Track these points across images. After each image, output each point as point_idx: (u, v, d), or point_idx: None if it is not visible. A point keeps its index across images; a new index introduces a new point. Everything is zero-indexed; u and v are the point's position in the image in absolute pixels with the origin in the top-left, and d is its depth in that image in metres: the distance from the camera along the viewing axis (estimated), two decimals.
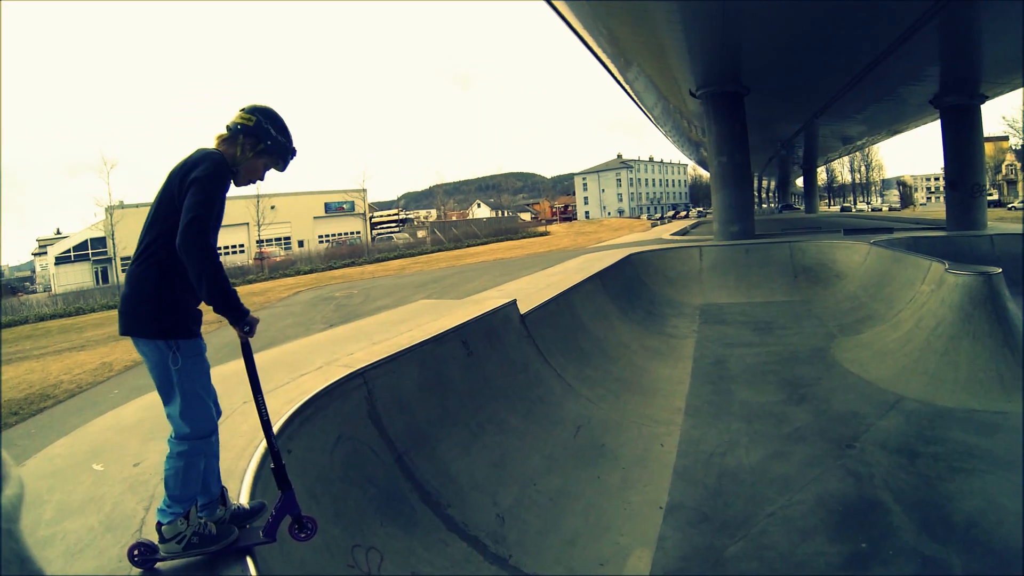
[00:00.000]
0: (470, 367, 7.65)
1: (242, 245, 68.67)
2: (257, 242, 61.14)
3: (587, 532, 5.77)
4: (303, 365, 6.53)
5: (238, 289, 3.22)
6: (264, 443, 4.14)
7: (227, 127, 3.33)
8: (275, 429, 4.42)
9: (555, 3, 17.92)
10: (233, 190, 3.35)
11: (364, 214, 79.73)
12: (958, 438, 7.57)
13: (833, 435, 7.88)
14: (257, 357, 3.56)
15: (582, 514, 6.05)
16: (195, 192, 2.96)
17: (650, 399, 9.59)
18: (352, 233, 78.44)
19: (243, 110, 3.38)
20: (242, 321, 3.14)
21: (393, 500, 5.17)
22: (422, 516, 5.27)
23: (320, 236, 76.30)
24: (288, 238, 74.26)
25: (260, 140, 3.35)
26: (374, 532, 4.65)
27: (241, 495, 3.73)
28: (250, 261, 54.94)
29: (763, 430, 8.15)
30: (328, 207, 79.27)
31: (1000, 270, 10.34)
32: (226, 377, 6.29)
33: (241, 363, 3.51)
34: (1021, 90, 26.95)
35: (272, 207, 63.65)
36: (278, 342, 8.25)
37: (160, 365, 3.07)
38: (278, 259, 53.88)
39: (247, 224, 62.92)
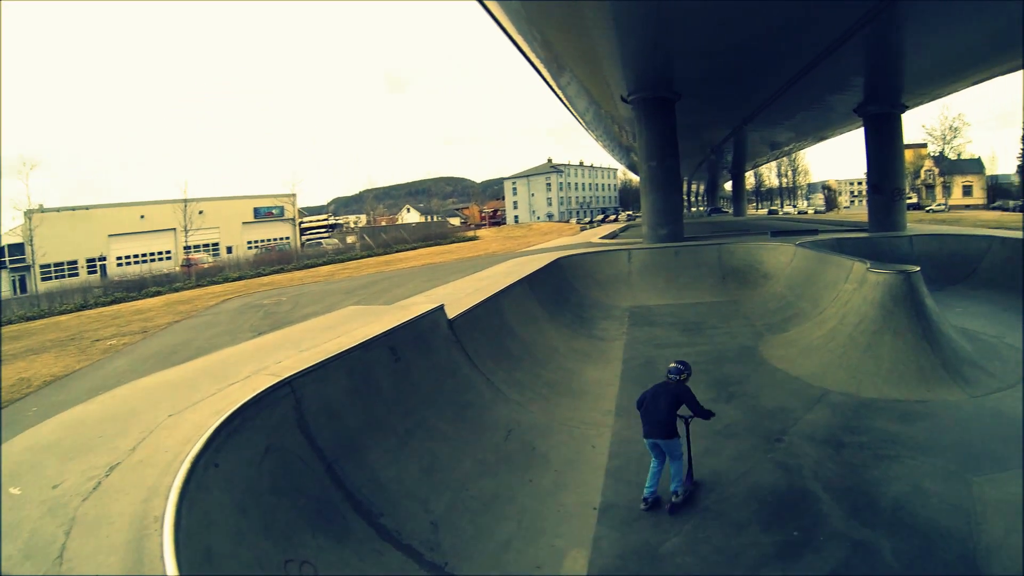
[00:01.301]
0: (398, 373, 7.54)
1: (169, 251, 65.84)
2: (184, 248, 58.76)
3: (521, 536, 5.75)
4: (230, 375, 6.30)
5: (164, 297, 3.18)
6: (191, 457, 4.06)
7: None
8: (201, 441, 4.28)
9: (489, 6, 17.91)
10: (161, 194, 3.27)
11: (294, 219, 77.78)
12: (881, 427, 7.96)
13: (762, 430, 8.12)
14: (183, 368, 3.45)
15: (516, 518, 6.03)
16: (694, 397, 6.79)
17: (580, 401, 9.65)
18: (282, 239, 75.89)
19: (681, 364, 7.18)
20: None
21: (325, 511, 5.03)
22: (355, 526, 5.15)
23: (249, 242, 73.46)
24: (216, 244, 71.24)
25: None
26: (306, 545, 4.51)
27: (166, 513, 3.54)
28: (177, 268, 53.28)
29: (694, 428, 8.26)
30: (257, 212, 76.79)
31: (918, 268, 11.00)
32: (149, 391, 6.04)
33: (166, 375, 3.43)
34: (940, 100, 28.44)
35: (200, 212, 61.42)
36: (205, 352, 7.97)
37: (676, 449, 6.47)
38: (206, 266, 51.54)
39: (174, 230, 60.60)
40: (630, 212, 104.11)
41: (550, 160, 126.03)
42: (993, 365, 10.12)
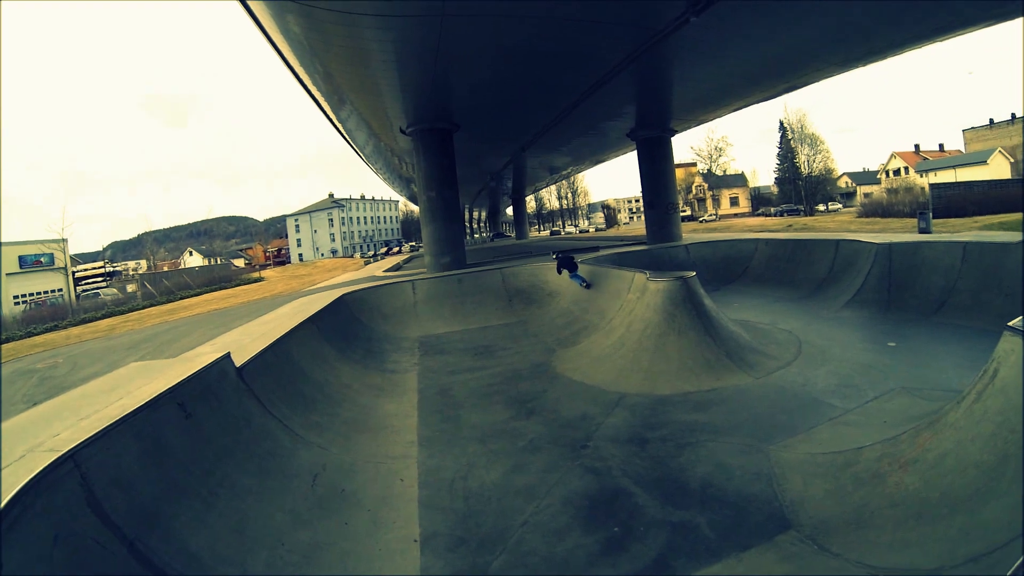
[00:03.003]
0: (191, 430, 6.96)
1: None
2: None
3: None
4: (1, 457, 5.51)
5: None
6: None
7: None
8: None
9: (272, 36, 17.44)
10: None
11: (66, 268, 69.24)
12: (679, 419, 8.66)
13: (567, 440, 8.44)
14: None
15: (338, 564, 5.81)
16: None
17: (381, 436, 9.49)
18: (53, 291, 67.79)
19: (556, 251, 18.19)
20: None
21: None
22: None
23: (15, 297, 64.31)
24: None
25: None
26: None
27: None
28: None
29: (498, 448, 8.46)
30: (23, 261, 67.28)
31: (695, 273, 12.28)
32: None
33: None
34: (706, 124, 32.06)
35: None
36: None
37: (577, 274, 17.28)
38: None
39: None
40: (413, 243, 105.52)
41: (331, 195, 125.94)
42: (770, 348, 11.49)
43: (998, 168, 71.32)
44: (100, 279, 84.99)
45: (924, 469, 5.21)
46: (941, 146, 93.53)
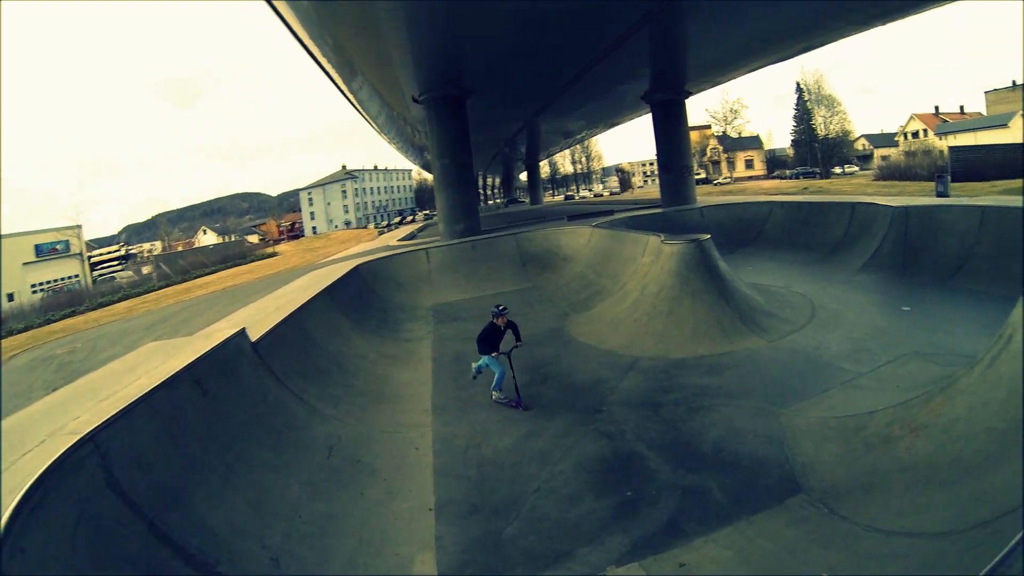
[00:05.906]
0: (208, 407, 6.99)
1: None
2: None
3: (365, 551, 5.63)
4: (23, 443, 5.46)
5: None
6: None
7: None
8: None
9: (283, 13, 17.35)
10: None
11: (81, 254, 69.46)
12: (693, 382, 8.67)
13: (580, 405, 8.50)
14: None
15: (355, 534, 5.88)
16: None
17: (396, 406, 9.55)
18: (70, 278, 68.10)
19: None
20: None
21: (156, 573, 4.57)
22: None
23: (33, 286, 64.66)
24: None
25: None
26: None
27: None
28: None
29: (512, 415, 8.56)
30: (40, 250, 67.76)
31: (709, 236, 12.14)
32: None
33: None
34: (721, 86, 31.69)
35: None
36: None
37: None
38: None
39: None
40: (427, 211, 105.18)
41: (344, 167, 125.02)
42: (784, 312, 11.43)
43: (1020, 131, 69.76)
44: (116, 263, 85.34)
45: (935, 434, 5.18)
46: (962, 108, 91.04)
